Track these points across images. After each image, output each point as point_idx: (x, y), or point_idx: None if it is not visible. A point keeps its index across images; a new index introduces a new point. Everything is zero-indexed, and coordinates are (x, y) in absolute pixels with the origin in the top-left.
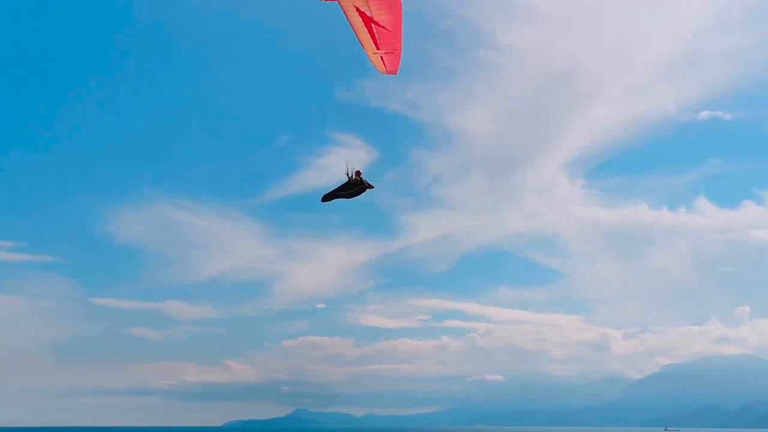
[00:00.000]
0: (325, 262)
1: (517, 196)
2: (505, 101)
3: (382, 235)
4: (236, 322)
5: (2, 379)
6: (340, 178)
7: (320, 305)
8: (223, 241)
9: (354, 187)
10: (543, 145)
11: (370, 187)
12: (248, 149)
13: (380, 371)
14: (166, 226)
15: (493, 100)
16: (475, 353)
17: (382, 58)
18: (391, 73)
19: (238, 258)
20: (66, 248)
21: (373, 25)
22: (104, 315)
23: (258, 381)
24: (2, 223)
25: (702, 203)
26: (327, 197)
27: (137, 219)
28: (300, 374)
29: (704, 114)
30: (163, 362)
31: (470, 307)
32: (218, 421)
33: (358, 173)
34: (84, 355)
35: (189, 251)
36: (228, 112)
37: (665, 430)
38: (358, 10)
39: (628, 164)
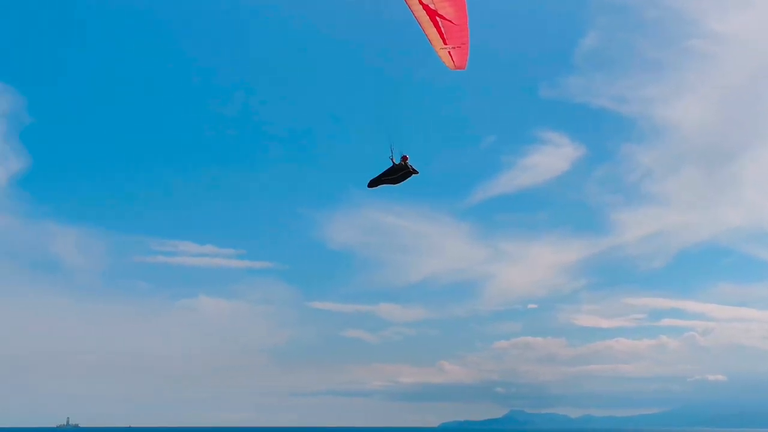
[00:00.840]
0: (534, 262)
1: (734, 188)
2: (719, 90)
3: (592, 233)
4: (448, 324)
5: (228, 380)
6: (548, 177)
7: (532, 305)
8: (432, 243)
9: (398, 172)
10: (763, 134)
11: (415, 172)
12: (454, 151)
13: (596, 371)
14: (376, 231)
15: (706, 89)
16: (696, 352)
17: (450, 53)
18: (460, 68)
19: (447, 260)
20: (283, 254)
21: (438, 18)
22: (321, 318)
23: (472, 382)
24: (225, 232)
25: None
26: (373, 183)
27: (349, 224)
28: (513, 375)
29: None
30: (378, 363)
31: (689, 304)
32: (434, 422)
33: (404, 158)
34: (302, 357)
35: (399, 254)
36: (434, 114)
37: None
38: (421, 2)
39: None
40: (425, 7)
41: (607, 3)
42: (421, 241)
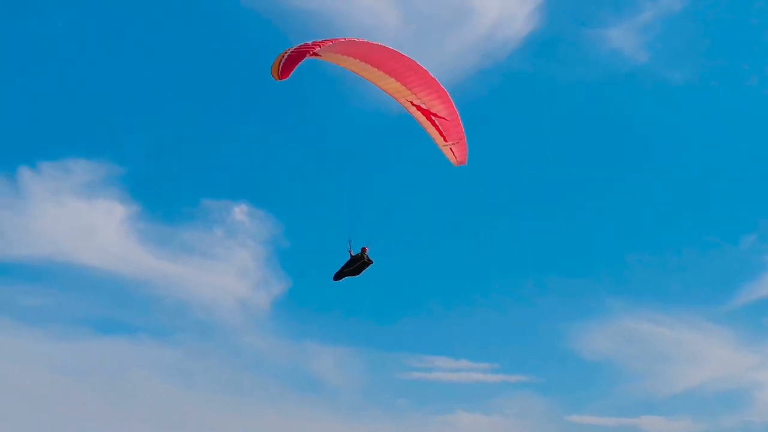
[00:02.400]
0: None
1: None
2: None
3: None
4: None
5: None
6: None
7: None
8: (694, 351)
9: (356, 262)
10: None
11: (370, 262)
12: (711, 255)
13: None
14: (633, 339)
15: None
16: None
17: (451, 149)
18: (462, 164)
19: (712, 367)
20: (537, 366)
21: (433, 117)
22: None
23: None
24: (478, 346)
25: None
26: (336, 276)
27: (603, 333)
28: None
29: None
30: None
31: None
32: None
33: (364, 249)
34: None
35: (659, 363)
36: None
37: None
38: (413, 104)
39: None
40: (419, 108)
41: None
42: (682, 348)
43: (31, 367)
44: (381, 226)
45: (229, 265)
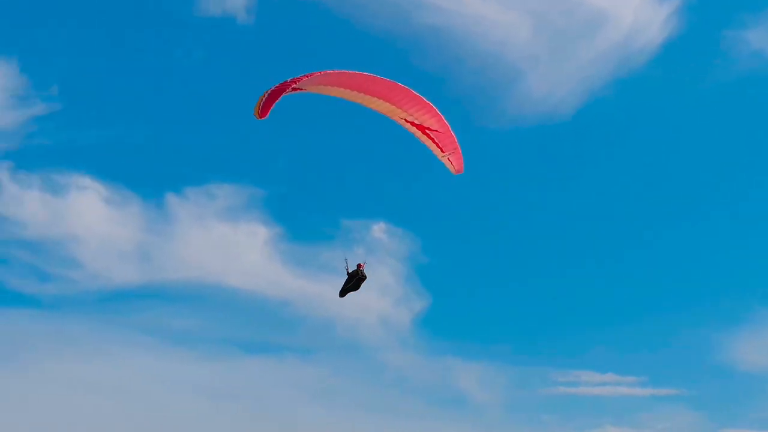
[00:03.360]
0: None
1: None
2: None
3: None
4: None
5: None
6: None
7: None
8: None
9: (354, 278)
10: None
11: (365, 277)
12: None
13: None
14: None
15: None
16: None
17: (449, 159)
18: (459, 172)
19: None
20: (687, 379)
21: (427, 131)
22: None
23: None
24: (625, 359)
25: None
26: (341, 293)
27: (758, 344)
28: None
29: None
30: None
31: None
32: None
33: (360, 266)
34: None
35: None
36: None
37: None
38: (407, 121)
39: None
40: (413, 124)
41: None
42: None
43: (180, 388)
44: (518, 239)
45: (369, 283)
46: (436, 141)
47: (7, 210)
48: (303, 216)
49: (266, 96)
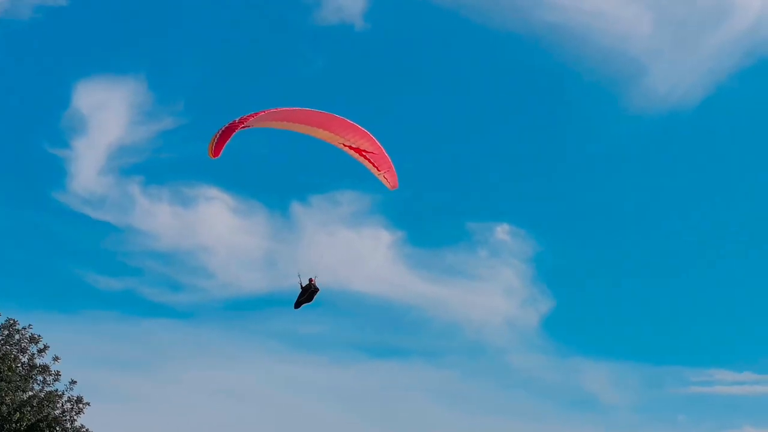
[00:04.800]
0: None
1: None
2: None
3: None
4: None
5: None
6: None
7: None
8: None
9: (307, 292)
10: None
11: (317, 290)
12: None
13: None
14: None
15: None
16: None
17: (385, 176)
18: (394, 188)
19: None
20: None
21: (364, 153)
22: None
23: None
24: (764, 357)
25: None
26: (296, 305)
27: None
28: None
29: None
30: None
31: None
32: None
33: (311, 280)
34: None
35: None
36: None
37: None
38: (344, 145)
39: None
40: (350, 147)
41: None
42: None
43: (309, 393)
44: (644, 235)
45: (495, 285)
46: (372, 161)
47: (140, 223)
48: (425, 220)
49: (218, 136)
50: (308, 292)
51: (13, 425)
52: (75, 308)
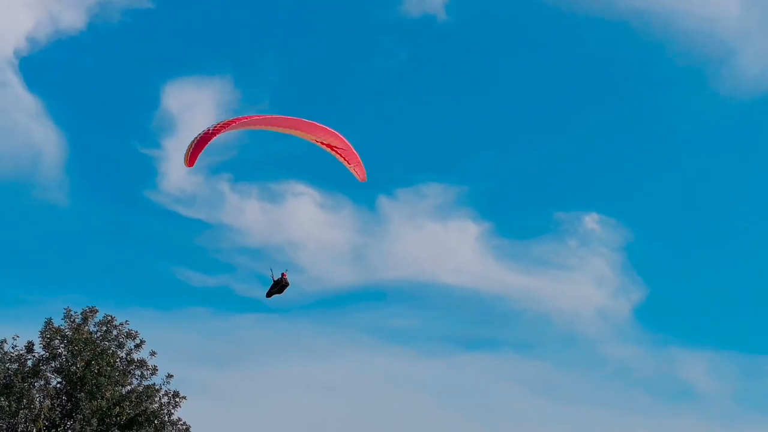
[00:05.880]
0: None
1: None
2: None
3: None
4: None
5: None
6: None
7: None
8: None
9: (278, 284)
10: None
11: (287, 284)
12: None
13: None
14: None
15: None
16: None
17: (354, 169)
18: (363, 180)
19: None
20: None
21: (335, 149)
22: None
23: None
24: None
25: None
26: (267, 295)
27: None
28: None
29: None
30: None
31: None
32: None
33: (283, 274)
34: None
35: None
36: None
37: None
38: (317, 142)
39: None
40: (322, 144)
41: None
42: None
43: (399, 385)
44: (736, 220)
45: (585, 275)
46: (343, 156)
47: (230, 219)
48: (513, 211)
49: (192, 146)
50: (279, 285)
51: (114, 419)
52: (169, 304)
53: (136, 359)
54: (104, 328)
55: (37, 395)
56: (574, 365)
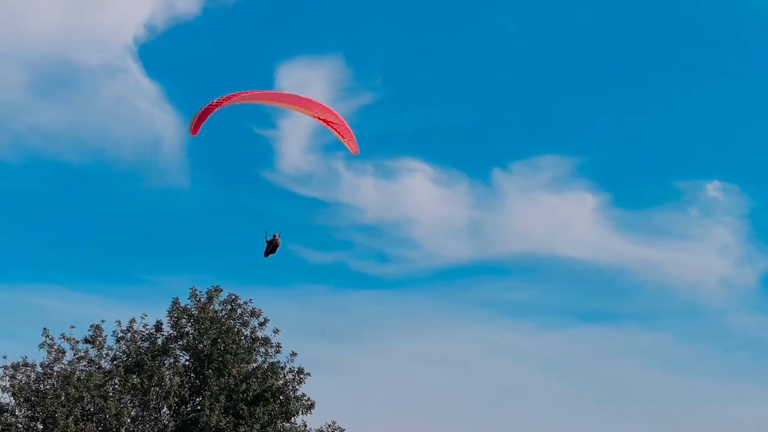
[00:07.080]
0: None
1: None
2: None
3: None
4: None
5: None
6: None
7: None
8: None
9: (271, 245)
10: None
11: (279, 245)
12: None
13: None
14: None
15: None
16: None
17: (348, 143)
18: (356, 153)
19: None
20: None
21: (330, 124)
22: None
23: None
24: None
25: None
26: (265, 254)
27: None
28: None
29: None
30: None
31: None
32: None
33: (275, 236)
34: None
35: None
36: None
37: None
38: (313, 116)
39: None
40: (318, 119)
41: None
42: None
43: (518, 359)
44: None
45: (707, 244)
46: (337, 130)
47: (346, 197)
48: (631, 180)
49: (197, 116)
50: (272, 245)
51: (241, 395)
52: (289, 282)
53: (260, 337)
54: (228, 307)
55: (167, 373)
56: (697, 337)
